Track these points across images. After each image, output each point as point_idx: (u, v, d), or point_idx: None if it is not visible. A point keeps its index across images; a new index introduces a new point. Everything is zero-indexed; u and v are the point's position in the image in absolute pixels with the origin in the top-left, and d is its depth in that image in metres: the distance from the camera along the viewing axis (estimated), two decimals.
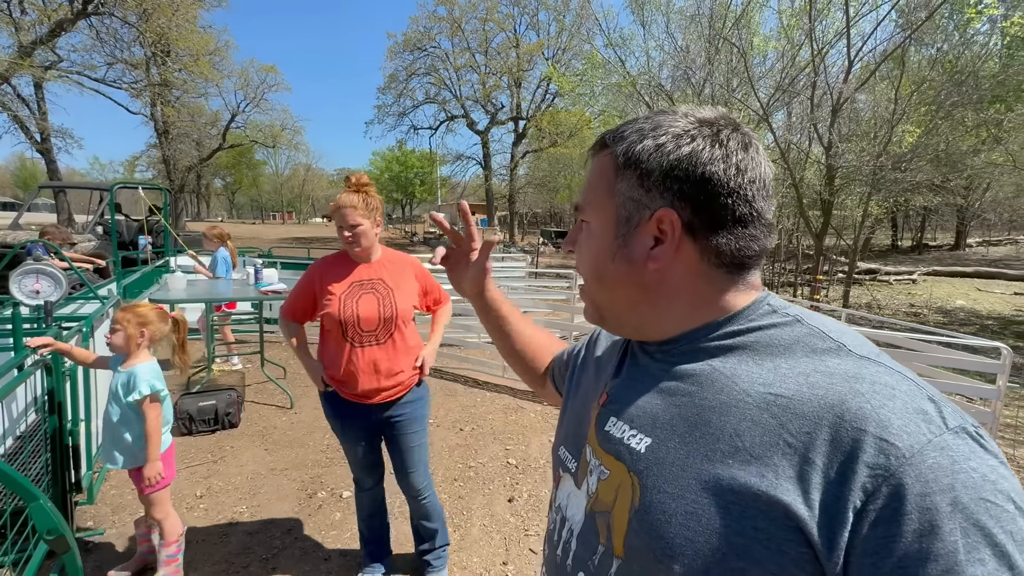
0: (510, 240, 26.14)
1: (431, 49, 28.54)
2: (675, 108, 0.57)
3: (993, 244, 26.79)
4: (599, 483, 0.58)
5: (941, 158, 11.82)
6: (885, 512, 0.39)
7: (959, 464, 0.39)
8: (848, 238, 12.59)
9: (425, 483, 2.11)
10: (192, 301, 4.72)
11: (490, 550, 2.52)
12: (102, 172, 57.73)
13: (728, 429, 0.48)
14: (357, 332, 1.88)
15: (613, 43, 13.74)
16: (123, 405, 1.99)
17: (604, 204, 0.58)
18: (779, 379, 0.48)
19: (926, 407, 0.43)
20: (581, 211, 0.62)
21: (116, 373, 2.04)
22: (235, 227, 32.43)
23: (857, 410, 0.43)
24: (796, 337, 0.51)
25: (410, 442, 2.03)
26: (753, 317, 0.54)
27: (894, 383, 0.45)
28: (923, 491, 0.39)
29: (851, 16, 9.91)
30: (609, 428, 0.59)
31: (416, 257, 2.12)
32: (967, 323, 10.96)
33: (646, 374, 0.59)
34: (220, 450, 3.40)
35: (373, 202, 1.91)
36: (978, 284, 15.97)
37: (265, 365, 4.54)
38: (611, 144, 0.57)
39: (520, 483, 3.14)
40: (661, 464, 0.51)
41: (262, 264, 4.43)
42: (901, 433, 0.41)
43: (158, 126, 23.72)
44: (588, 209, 0.60)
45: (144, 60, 20.04)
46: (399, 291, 1.94)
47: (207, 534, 2.52)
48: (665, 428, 0.53)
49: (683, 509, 0.48)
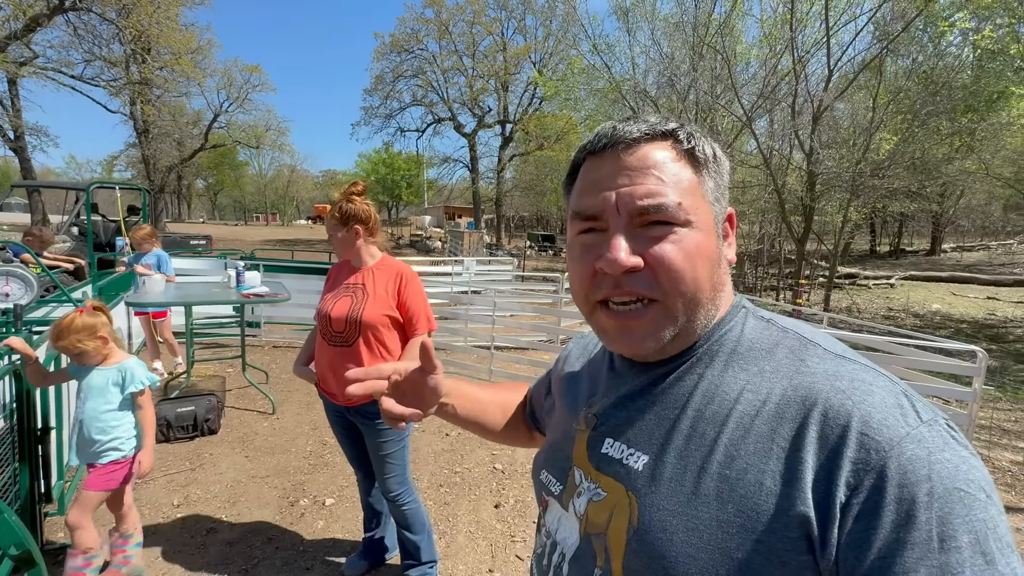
0: (496, 243, 26.12)
1: (418, 51, 28.44)
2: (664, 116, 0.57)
3: (967, 249, 27.56)
4: (589, 504, 0.57)
5: (917, 165, 12.15)
6: (867, 505, 0.40)
7: (934, 455, 0.40)
8: (829, 243, 12.84)
9: (401, 490, 2.06)
10: (170, 305, 4.61)
11: (476, 557, 2.49)
12: (79, 171, 56.38)
13: (723, 439, 0.48)
14: (328, 330, 1.95)
15: (599, 49, 13.86)
16: (116, 400, 2.02)
17: (699, 205, 0.52)
18: (765, 383, 0.49)
19: (902, 401, 0.44)
20: (658, 211, 0.50)
21: (96, 371, 2.04)
22: (217, 228, 31.87)
23: (839, 406, 0.44)
24: (775, 340, 0.53)
25: (379, 450, 1.99)
26: (733, 322, 0.55)
27: (871, 379, 0.46)
28: (902, 482, 0.39)
29: (830, 26, 10.14)
30: (607, 450, 0.57)
31: (413, 270, 2.03)
32: (942, 326, 11.25)
33: (636, 391, 0.58)
34: (199, 457, 3.32)
35: (350, 210, 1.93)
36: (953, 288, 16.41)
37: (247, 370, 4.45)
38: (684, 140, 0.53)
39: (507, 489, 3.12)
40: (659, 480, 0.50)
41: (244, 267, 4.34)
42: (881, 427, 0.42)
43: (138, 125, 23.15)
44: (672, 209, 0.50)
45: (124, 58, 19.57)
46: (373, 298, 1.93)
47: (184, 544, 2.45)
48: (661, 443, 0.52)
49: (684, 525, 0.47)
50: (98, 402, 2.02)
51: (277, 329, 6.51)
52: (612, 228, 0.52)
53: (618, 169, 0.52)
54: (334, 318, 1.93)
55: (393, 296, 1.96)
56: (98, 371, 2.04)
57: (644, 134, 0.52)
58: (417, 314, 1.97)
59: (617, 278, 0.51)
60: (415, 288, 1.98)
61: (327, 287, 2.08)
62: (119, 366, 2.06)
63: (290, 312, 6.30)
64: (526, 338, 6.19)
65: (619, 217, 0.51)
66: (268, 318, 6.47)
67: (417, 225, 34.00)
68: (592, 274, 0.53)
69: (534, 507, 2.94)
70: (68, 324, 1.96)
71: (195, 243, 12.17)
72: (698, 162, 0.53)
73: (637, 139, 0.52)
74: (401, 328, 1.99)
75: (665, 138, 0.53)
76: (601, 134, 0.55)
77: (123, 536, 2.16)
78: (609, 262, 0.50)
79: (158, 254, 4.61)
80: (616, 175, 0.52)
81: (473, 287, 8.19)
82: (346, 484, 3.05)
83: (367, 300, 1.93)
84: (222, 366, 5.16)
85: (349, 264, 2.06)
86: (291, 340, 6.31)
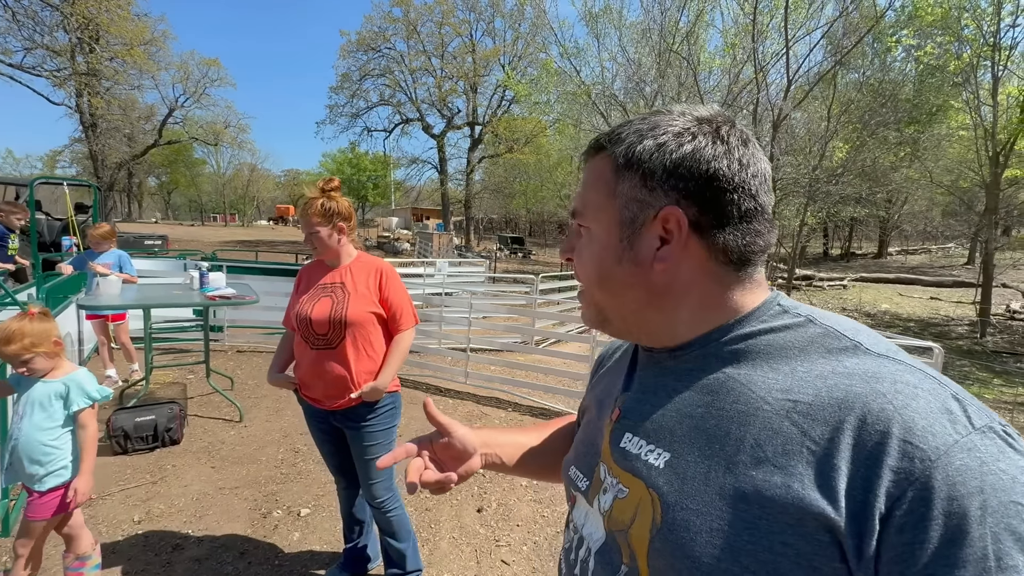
0: (466, 245, 26.00)
1: (386, 50, 28.02)
2: (670, 108, 0.56)
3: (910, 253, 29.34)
4: (615, 502, 0.56)
5: (867, 172, 12.86)
6: (911, 518, 0.38)
7: (988, 466, 0.38)
8: (787, 246, 13.39)
9: (387, 496, 2.01)
10: (128, 308, 4.35)
11: (460, 563, 2.44)
12: (16, 167, 52.62)
13: (749, 439, 0.47)
14: (311, 334, 1.88)
15: (568, 53, 14.02)
16: (58, 417, 1.82)
17: (605, 207, 0.56)
18: (797, 383, 0.47)
19: (951, 406, 0.41)
20: (579, 216, 0.60)
21: (39, 384, 1.84)
22: (172, 228, 30.39)
23: (879, 411, 0.41)
24: (810, 338, 0.50)
25: (366, 455, 1.93)
26: (765, 318, 0.53)
27: (916, 381, 0.43)
28: (950, 495, 0.37)
29: (789, 39, 10.60)
30: (625, 444, 0.57)
31: (391, 264, 2.01)
32: (892, 325, 11.91)
33: (659, 385, 0.57)
34: (160, 470, 3.13)
35: (334, 207, 1.89)
36: (900, 289, 17.43)
37: (211, 376, 4.24)
38: (608, 146, 0.56)
39: (489, 492, 3.08)
40: (682, 479, 0.49)
41: (208, 268, 4.14)
42: (926, 434, 0.39)
43: (84, 119, 21.78)
44: (588, 213, 0.59)
45: (69, 47, 18.44)
46: (355, 296, 1.88)
47: (147, 563, 2.29)
48: (683, 441, 0.51)
49: (708, 526, 0.46)
50: (39, 418, 1.81)
51: (241, 333, 6.25)
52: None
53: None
54: (315, 320, 1.85)
55: (375, 292, 1.92)
56: (42, 383, 1.84)
57: (590, 147, 0.60)
58: (401, 309, 1.96)
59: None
60: (396, 283, 1.96)
61: (300, 289, 1.98)
62: (66, 378, 1.86)
63: (255, 315, 6.06)
64: (501, 340, 6.17)
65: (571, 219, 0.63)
66: (231, 322, 6.20)
67: (384, 226, 33.40)
68: None
69: (517, 510, 2.91)
70: (18, 329, 1.78)
71: (150, 243, 11.58)
72: (617, 165, 0.57)
73: (587, 152, 0.61)
74: (385, 325, 1.96)
75: (597, 150, 0.59)
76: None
77: (79, 558, 1.99)
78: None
79: (118, 254, 4.33)
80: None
81: (446, 289, 8.10)
82: (322, 493, 2.94)
83: (349, 299, 1.87)
84: (182, 372, 4.90)
85: (322, 264, 1.98)
86: (256, 344, 6.06)
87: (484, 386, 4.98)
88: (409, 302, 2.00)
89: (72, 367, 1.93)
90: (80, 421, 1.87)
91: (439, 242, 19.16)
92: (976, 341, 10.58)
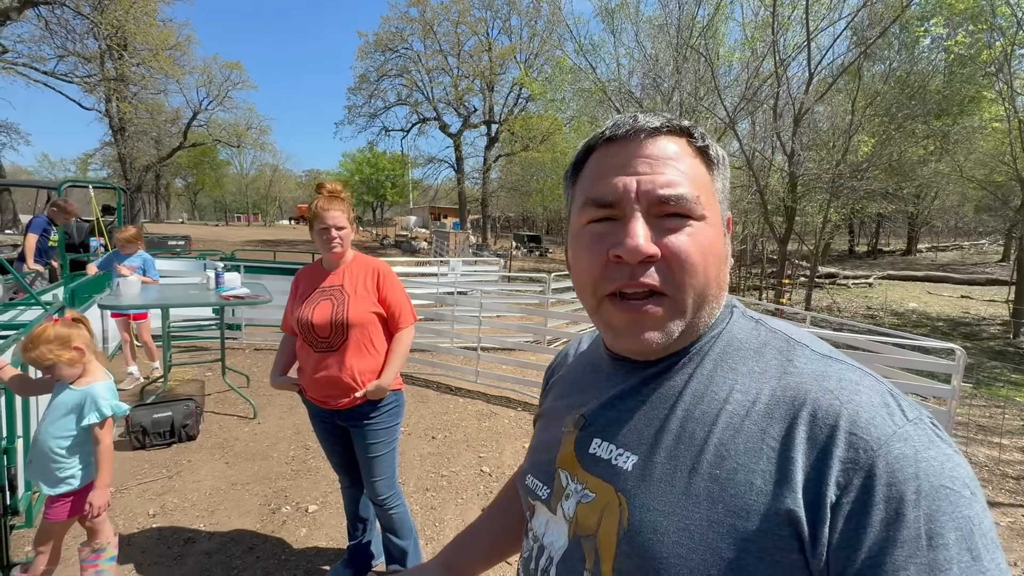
0: (483, 244, 26.06)
1: (403, 50, 28.25)
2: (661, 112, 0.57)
3: (941, 249, 28.35)
4: (578, 506, 0.56)
5: (894, 167, 12.43)
6: (856, 505, 0.40)
7: (920, 453, 0.41)
8: (810, 243, 13.08)
9: (390, 493, 2.04)
10: (147, 307, 4.48)
11: None
12: (51, 170, 54.78)
13: (712, 439, 0.48)
14: (313, 337, 1.90)
15: (584, 50, 13.92)
16: (72, 427, 1.84)
17: (711, 202, 0.53)
18: (754, 383, 0.49)
19: (888, 400, 0.45)
20: (688, 202, 0.50)
21: (67, 391, 1.88)
22: (197, 229, 31.23)
23: (828, 407, 0.44)
24: (764, 340, 0.53)
25: (370, 452, 1.96)
26: (724, 322, 0.56)
27: (857, 379, 0.46)
28: (890, 481, 0.40)
29: (811, 31, 10.32)
30: (595, 450, 0.57)
31: (387, 263, 2.04)
32: (920, 324, 11.53)
33: (626, 391, 0.57)
34: (176, 465, 3.22)
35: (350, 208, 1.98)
36: (928, 288, 16.86)
37: (227, 374, 4.34)
38: (699, 138, 0.54)
39: (494, 491, 3.08)
40: (649, 481, 0.50)
41: (224, 268, 4.24)
42: (868, 426, 0.42)
43: (113, 123, 22.55)
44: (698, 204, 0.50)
45: (99, 53, 19.09)
46: (355, 297, 1.91)
47: (160, 556, 2.36)
48: (650, 444, 0.52)
49: (674, 526, 0.47)
50: (56, 426, 1.84)
51: (258, 332, 6.38)
52: (629, 215, 0.50)
53: (637, 157, 0.51)
54: (317, 324, 1.88)
55: (373, 292, 1.95)
56: (69, 390, 1.88)
57: (664, 126, 0.52)
58: (400, 308, 1.98)
59: (633, 268, 0.49)
60: (393, 282, 1.99)
61: (297, 293, 1.99)
62: (84, 390, 1.87)
63: (272, 314, 6.16)
64: (513, 339, 6.17)
65: (637, 204, 0.50)
66: (249, 320, 6.34)
67: (402, 225, 33.71)
68: (604, 264, 0.51)
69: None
70: (39, 334, 1.83)
71: (174, 243, 11.91)
72: (711, 161, 0.54)
73: (657, 128, 0.52)
74: (386, 323, 1.99)
75: (682, 134, 0.53)
76: (620, 122, 0.54)
77: (95, 550, 2.06)
78: (629, 249, 0.48)
79: (143, 256, 4.48)
80: (635, 163, 0.51)
81: (459, 288, 8.14)
82: (329, 490, 2.99)
83: (349, 300, 1.90)
84: (201, 370, 5.03)
85: (319, 268, 2.00)
86: (273, 343, 6.18)
87: (495, 385, 4.99)
88: (407, 300, 2.03)
89: (99, 376, 1.93)
90: (94, 435, 1.87)
91: (455, 240, 19.25)
92: (1008, 342, 10.17)
